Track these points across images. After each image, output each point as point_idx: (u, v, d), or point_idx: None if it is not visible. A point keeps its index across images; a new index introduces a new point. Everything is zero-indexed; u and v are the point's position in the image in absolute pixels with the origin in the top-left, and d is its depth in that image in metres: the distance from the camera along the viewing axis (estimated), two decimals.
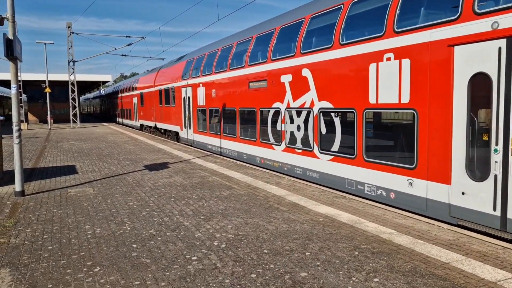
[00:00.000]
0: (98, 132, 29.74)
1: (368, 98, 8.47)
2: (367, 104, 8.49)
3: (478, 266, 5.02)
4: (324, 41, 9.92)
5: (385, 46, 7.97)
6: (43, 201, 8.70)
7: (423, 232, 6.33)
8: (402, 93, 7.64)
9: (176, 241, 6.05)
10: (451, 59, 6.63)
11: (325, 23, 10.05)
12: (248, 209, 7.84)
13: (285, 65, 11.45)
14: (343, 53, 9.20)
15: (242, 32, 15.67)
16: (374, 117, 8.42)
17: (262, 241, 5.99)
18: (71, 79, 37.98)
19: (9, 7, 8.84)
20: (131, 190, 9.62)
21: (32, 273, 4.95)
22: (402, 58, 7.60)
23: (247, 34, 14.70)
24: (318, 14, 10.36)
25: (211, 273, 4.88)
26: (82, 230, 6.61)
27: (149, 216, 7.42)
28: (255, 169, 12.61)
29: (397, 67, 7.71)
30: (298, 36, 10.96)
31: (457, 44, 6.52)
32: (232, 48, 15.46)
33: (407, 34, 7.49)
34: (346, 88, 9.12)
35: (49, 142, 22.66)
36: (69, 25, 37.20)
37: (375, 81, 8.26)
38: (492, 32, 6.03)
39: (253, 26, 15.06)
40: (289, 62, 11.31)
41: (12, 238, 6.29)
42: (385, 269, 4.95)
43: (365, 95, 8.53)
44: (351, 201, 8.37)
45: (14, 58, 8.94)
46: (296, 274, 4.83)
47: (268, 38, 12.78)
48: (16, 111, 9.11)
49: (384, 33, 7.98)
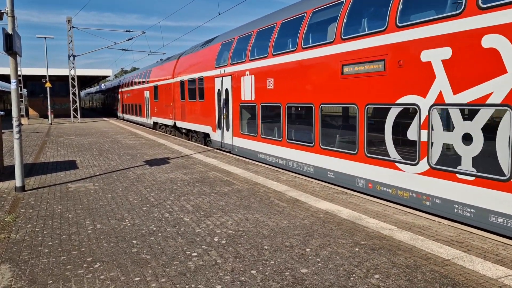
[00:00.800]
0: (99, 127, 29.72)
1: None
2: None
3: (479, 263, 5.00)
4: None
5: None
6: (43, 196, 8.70)
7: (423, 229, 6.31)
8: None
9: (177, 237, 6.04)
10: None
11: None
12: (249, 204, 7.83)
13: (434, 33, 7.03)
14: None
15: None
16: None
17: (262, 237, 5.98)
18: (71, 74, 37.91)
19: (8, 2, 8.79)
20: (132, 186, 9.62)
21: (32, 269, 4.94)
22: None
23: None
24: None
25: (211, 269, 4.87)
26: (82, 226, 6.61)
27: (150, 211, 7.41)
28: (255, 164, 12.58)
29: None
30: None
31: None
32: (303, 19, 10.76)
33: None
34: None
35: (50, 137, 22.66)
36: (69, 20, 37.07)
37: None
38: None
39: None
40: (447, 27, 6.81)
41: (12, 233, 6.29)
42: (385, 266, 4.94)
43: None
44: (352, 197, 8.35)
45: (14, 53, 8.90)
46: (297, 271, 4.82)
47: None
48: (16, 106, 9.09)
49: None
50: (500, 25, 5.98)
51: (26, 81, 46.55)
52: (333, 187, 9.27)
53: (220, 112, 16.33)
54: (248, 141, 14.08)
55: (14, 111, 9.08)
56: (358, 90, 8.78)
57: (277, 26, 12.09)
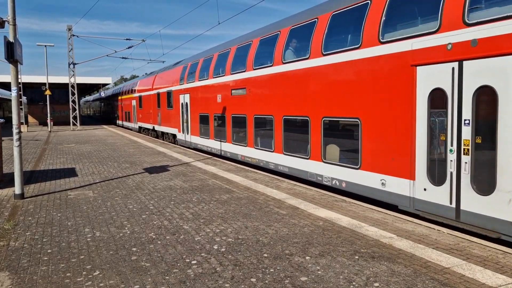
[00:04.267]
0: (98, 135, 29.73)
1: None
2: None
3: (478, 271, 5.01)
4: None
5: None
6: (42, 204, 8.69)
7: (423, 237, 6.32)
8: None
9: (176, 244, 6.03)
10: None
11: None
12: (248, 212, 7.82)
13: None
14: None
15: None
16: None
17: (262, 245, 5.98)
18: (71, 82, 38.00)
19: (10, 10, 8.85)
20: (131, 193, 9.61)
21: (31, 277, 4.93)
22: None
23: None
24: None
25: (210, 277, 4.87)
26: (82, 234, 6.60)
27: (149, 219, 7.41)
28: (255, 172, 12.59)
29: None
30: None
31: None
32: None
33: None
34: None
35: (49, 144, 22.65)
36: (70, 28, 37.24)
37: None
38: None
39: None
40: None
41: (12, 241, 6.28)
42: (385, 274, 4.94)
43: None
44: (351, 205, 8.36)
45: (15, 61, 8.94)
46: (296, 279, 4.82)
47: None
48: (16, 113, 9.11)
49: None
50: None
51: (26, 89, 46.61)
52: (332, 195, 9.28)
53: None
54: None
55: (14, 118, 9.10)
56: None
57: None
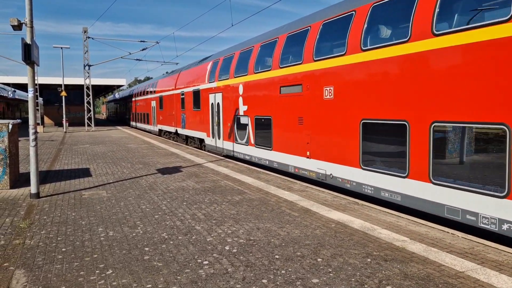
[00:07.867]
0: (112, 136, 30.05)
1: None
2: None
3: (493, 276, 4.92)
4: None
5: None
6: (57, 203, 8.82)
7: (437, 240, 6.24)
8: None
9: (188, 245, 6.06)
10: None
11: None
12: (260, 214, 7.83)
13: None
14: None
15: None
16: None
17: (273, 247, 5.97)
18: (86, 83, 38.51)
19: (27, 13, 9.02)
20: (144, 194, 9.69)
21: (46, 275, 5.01)
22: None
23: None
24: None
25: (222, 278, 4.88)
26: (95, 233, 6.68)
27: (162, 219, 7.46)
28: (267, 173, 12.59)
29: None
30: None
31: None
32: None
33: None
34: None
35: (64, 145, 22.98)
36: (85, 30, 37.80)
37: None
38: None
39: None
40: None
41: (27, 239, 6.38)
42: (398, 277, 4.89)
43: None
44: (364, 208, 8.30)
45: (32, 63, 9.11)
46: (308, 281, 4.80)
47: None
48: (33, 114, 9.27)
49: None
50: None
51: (42, 90, 47.47)
52: (344, 197, 9.22)
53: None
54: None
55: (30, 119, 9.26)
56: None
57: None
